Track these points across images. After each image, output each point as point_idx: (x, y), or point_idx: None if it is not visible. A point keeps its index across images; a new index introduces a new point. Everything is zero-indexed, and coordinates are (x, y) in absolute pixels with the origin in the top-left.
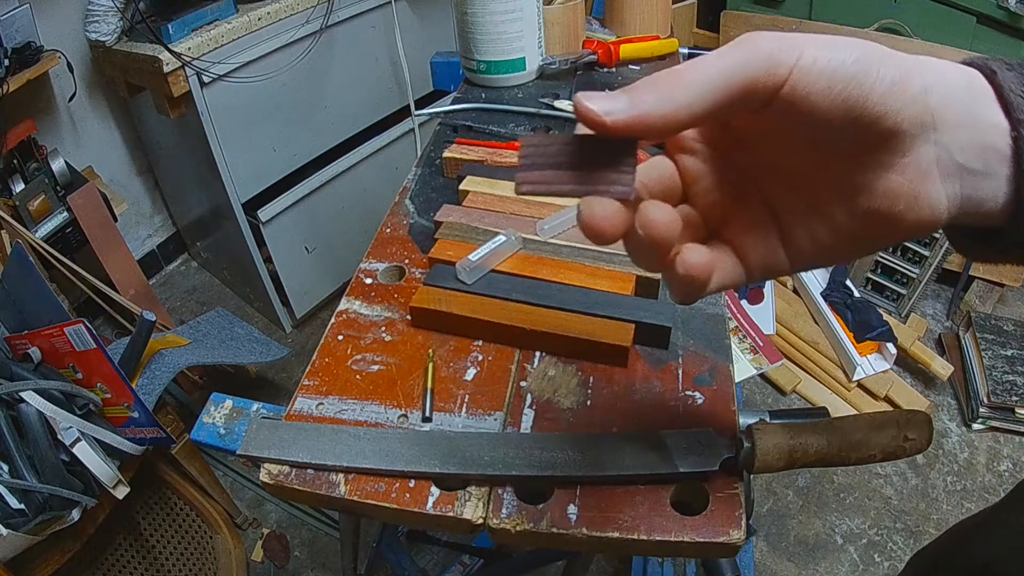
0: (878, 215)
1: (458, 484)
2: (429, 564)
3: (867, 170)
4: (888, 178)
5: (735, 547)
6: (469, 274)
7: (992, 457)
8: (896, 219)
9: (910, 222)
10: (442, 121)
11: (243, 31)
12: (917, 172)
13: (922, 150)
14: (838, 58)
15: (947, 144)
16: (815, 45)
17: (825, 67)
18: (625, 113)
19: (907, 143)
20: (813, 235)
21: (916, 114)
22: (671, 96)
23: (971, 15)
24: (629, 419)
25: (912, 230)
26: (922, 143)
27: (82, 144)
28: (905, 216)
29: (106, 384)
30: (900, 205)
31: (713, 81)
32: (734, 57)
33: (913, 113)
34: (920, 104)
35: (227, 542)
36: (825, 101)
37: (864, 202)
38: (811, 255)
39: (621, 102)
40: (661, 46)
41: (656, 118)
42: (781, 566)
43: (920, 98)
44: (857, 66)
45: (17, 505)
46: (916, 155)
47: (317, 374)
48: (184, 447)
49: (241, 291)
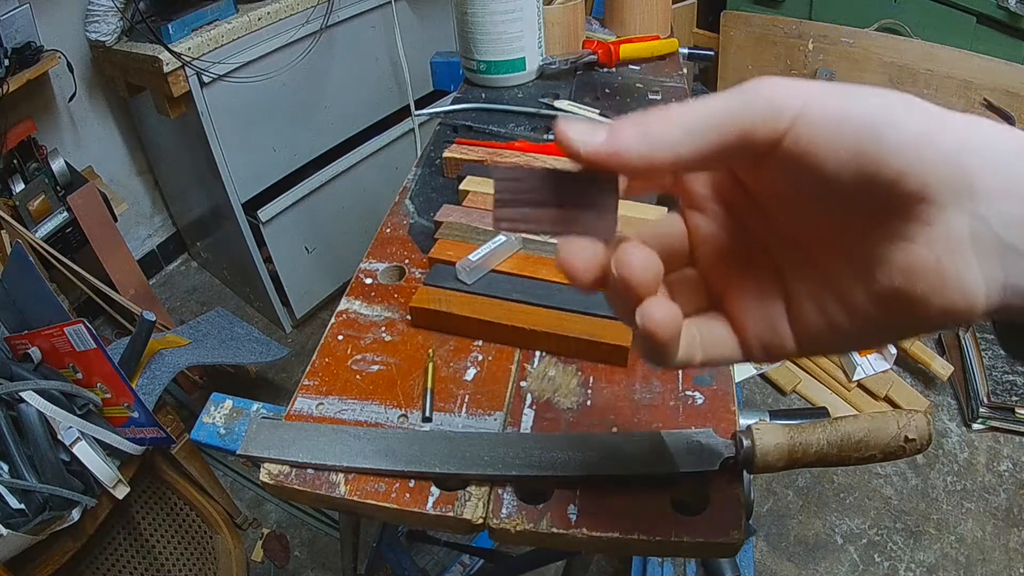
0: (897, 296)
1: (458, 484)
2: (429, 564)
3: (885, 240)
4: (909, 251)
5: (735, 547)
6: (469, 274)
7: (992, 457)
8: (918, 302)
9: (936, 308)
10: (442, 121)
11: (243, 31)
12: (945, 247)
13: (953, 220)
14: (848, 105)
15: (987, 216)
16: (826, 92)
17: (833, 115)
18: (602, 145)
19: (934, 210)
20: (824, 314)
21: (946, 176)
22: (654, 133)
23: (971, 15)
24: (629, 419)
25: (939, 318)
26: (954, 212)
27: (82, 144)
28: (929, 300)
29: (106, 384)
30: (923, 285)
31: (703, 124)
32: (732, 101)
33: (943, 175)
34: (953, 165)
35: (227, 542)
36: (832, 156)
37: (882, 279)
38: (821, 337)
39: (601, 134)
40: (661, 46)
41: (634, 155)
42: (781, 566)
43: (954, 158)
44: (870, 114)
45: (17, 505)
46: (945, 226)
47: (317, 374)
48: (184, 447)
49: (241, 291)
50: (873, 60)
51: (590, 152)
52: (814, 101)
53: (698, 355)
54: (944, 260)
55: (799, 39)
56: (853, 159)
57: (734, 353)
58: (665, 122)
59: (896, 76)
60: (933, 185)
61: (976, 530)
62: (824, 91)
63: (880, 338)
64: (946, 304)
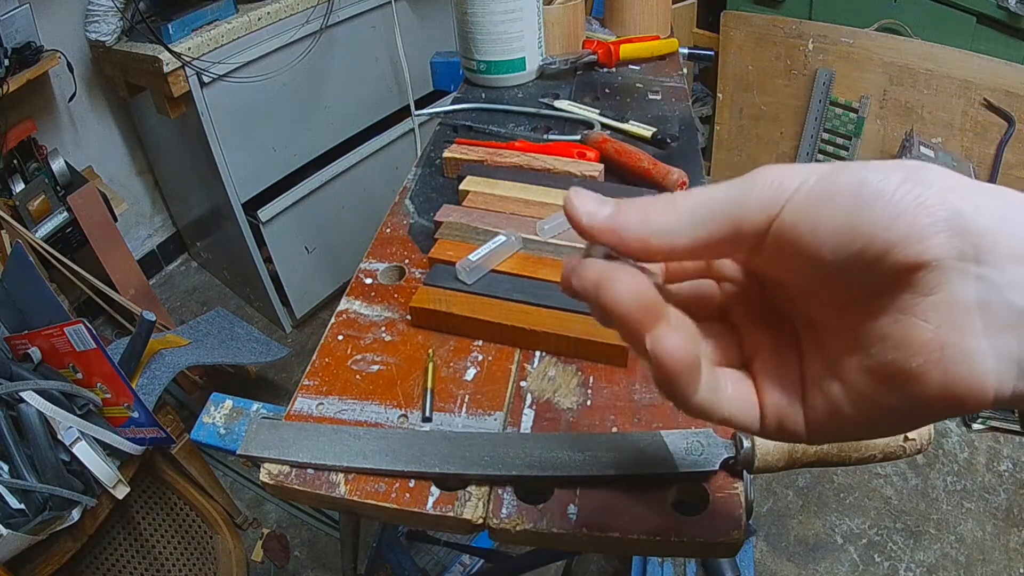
0: (891, 371)
1: (458, 484)
2: (429, 564)
3: (880, 313)
4: (905, 323)
5: (735, 547)
6: (469, 274)
7: (992, 457)
8: (914, 379)
9: (936, 386)
10: (442, 121)
11: (243, 31)
12: (946, 316)
13: (957, 287)
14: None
15: (998, 282)
16: (817, 171)
17: (817, 193)
18: (605, 220)
19: (933, 277)
20: (826, 396)
21: (947, 240)
22: (653, 219)
23: (971, 15)
24: (629, 419)
25: (941, 398)
26: (957, 278)
27: (82, 144)
28: (928, 376)
29: (106, 384)
30: (919, 359)
31: (701, 215)
32: (732, 191)
33: (942, 239)
34: (954, 228)
35: (227, 542)
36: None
37: (877, 354)
38: (825, 421)
39: (606, 208)
40: (661, 46)
41: (631, 235)
42: (781, 566)
43: (955, 220)
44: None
45: (17, 505)
46: (946, 294)
47: (317, 374)
48: (184, 447)
49: (241, 291)
50: (873, 60)
51: (593, 224)
52: (804, 185)
53: (723, 406)
54: (944, 330)
55: (799, 39)
56: (837, 234)
57: (752, 420)
58: (666, 212)
59: (896, 76)
60: (931, 251)
61: (976, 530)
62: (816, 171)
63: (881, 423)
64: (948, 381)
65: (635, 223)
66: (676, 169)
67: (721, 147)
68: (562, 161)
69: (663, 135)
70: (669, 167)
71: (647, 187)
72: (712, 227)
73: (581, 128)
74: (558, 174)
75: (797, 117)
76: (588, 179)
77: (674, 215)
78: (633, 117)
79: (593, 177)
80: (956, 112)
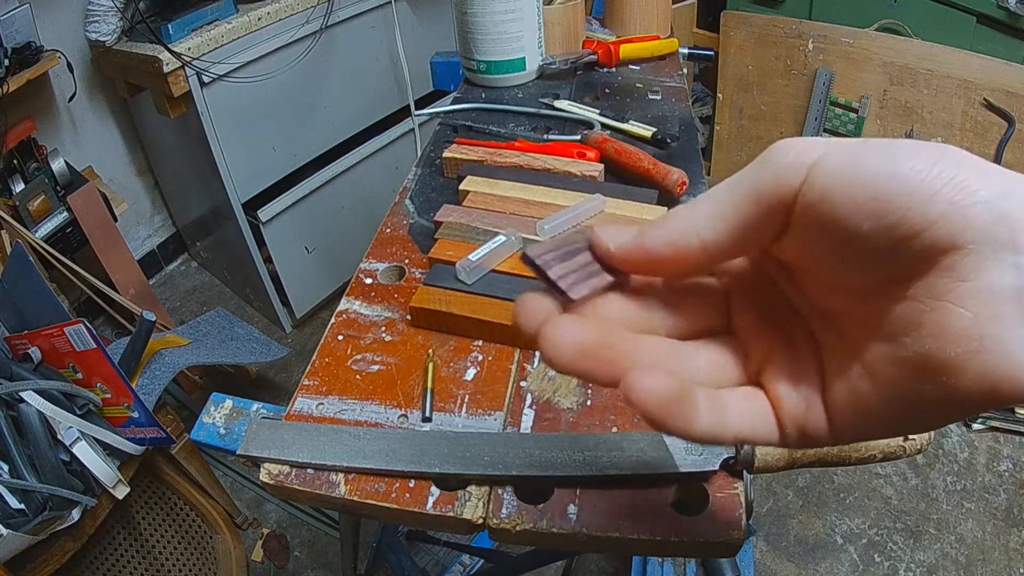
0: (927, 362)
1: (458, 484)
2: (429, 564)
3: (914, 299)
4: (940, 310)
5: (735, 547)
6: (469, 274)
7: (992, 457)
8: (951, 369)
9: (972, 377)
10: (442, 121)
11: (243, 31)
12: (983, 304)
13: (993, 274)
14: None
15: None
16: (842, 141)
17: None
18: (631, 242)
19: (969, 262)
20: (853, 390)
21: (985, 224)
22: (675, 225)
23: (971, 15)
24: (629, 419)
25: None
26: (994, 265)
27: (82, 144)
28: (964, 367)
29: (106, 384)
30: (956, 348)
31: (721, 204)
32: (747, 170)
33: (981, 222)
34: (993, 212)
35: (227, 542)
36: (849, 202)
37: (910, 343)
38: (850, 417)
39: (629, 232)
40: (661, 46)
41: (659, 247)
42: (781, 566)
43: (996, 203)
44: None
45: (17, 505)
46: (983, 280)
47: (317, 374)
48: (184, 447)
49: (241, 291)
50: (873, 60)
51: (619, 249)
52: (830, 150)
53: (732, 428)
54: (982, 319)
55: (799, 39)
56: (872, 204)
57: (770, 432)
58: (687, 212)
59: (896, 76)
60: (968, 233)
61: (976, 530)
62: (840, 141)
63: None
64: (985, 371)
65: (659, 233)
66: (676, 169)
67: (721, 147)
68: (562, 161)
69: (663, 135)
70: (669, 167)
71: (647, 187)
72: (736, 212)
73: (581, 128)
74: (558, 174)
75: (797, 117)
76: (588, 179)
77: (695, 213)
78: (633, 117)
79: (593, 177)
80: (956, 112)
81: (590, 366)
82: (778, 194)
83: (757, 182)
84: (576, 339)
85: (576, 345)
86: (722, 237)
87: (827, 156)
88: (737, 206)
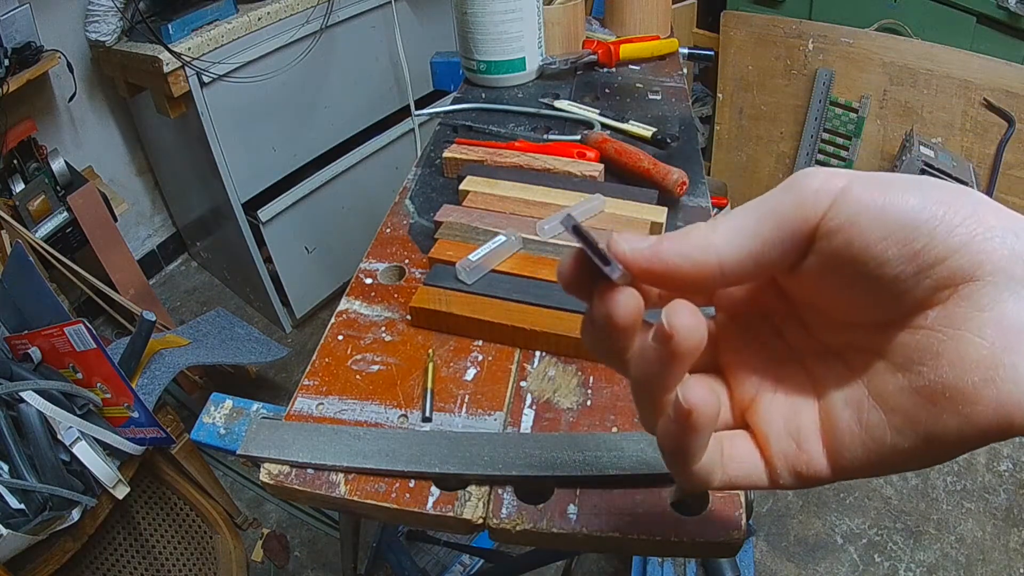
0: (945, 390)
1: (458, 484)
2: (429, 564)
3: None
4: (959, 339)
5: (735, 547)
6: (469, 274)
7: (992, 457)
8: (968, 399)
9: (989, 406)
10: (442, 121)
11: (243, 31)
12: (1001, 334)
13: (1010, 307)
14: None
15: None
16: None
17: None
18: (647, 250)
19: (987, 293)
20: (862, 424)
21: (1002, 259)
22: (695, 240)
23: (971, 15)
24: (629, 419)
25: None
26: (1010, 297)
27: (82, 144)
28: (981, 396)
29: (106, 384)
30: (975, 377)
31: (743, 225)
32: (770, 196)
33: (998, 257)
34: (1008, 248)
35: (227, 542)
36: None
37: (927, 372)
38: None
39: (648, 240)
40: (661, 46)
41: (675, 260)
42: (781, 566)
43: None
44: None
45: (17, 505)
46: (1000, 312)
47: (317, 374)
48: (184, 447)
49: (241, 291)
50: (873, 60)
51: (638, 256)
52: (857, 180)
53: (717, 474)
54: (998, 348)
55: (799, 39)
56: (899, 233)
57: (758, 475)
58: (708, 231)
59: (896, 76)
60: (988, 265)
61: (976, 530)
62: (866, 174)
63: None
64: (1000, 400)
65: (677, 246)
66: (676, 169)
67: (721, 147)
68: (562, 161)
69: (663, 135)
70: (669, 167)
71: (647, 187)
72: (757, 235)
73: (581, 128)
74: (558, 174)
75: (797, 117)
76: (588, 179)
77: (715, 231)
78: (633, 117)
79: (593, 177)
80: (956, 112)
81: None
82: (802, 219)
83: (781, 206)
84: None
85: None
86: (741, 258)
87: (855, 185)
88: (759, 228)
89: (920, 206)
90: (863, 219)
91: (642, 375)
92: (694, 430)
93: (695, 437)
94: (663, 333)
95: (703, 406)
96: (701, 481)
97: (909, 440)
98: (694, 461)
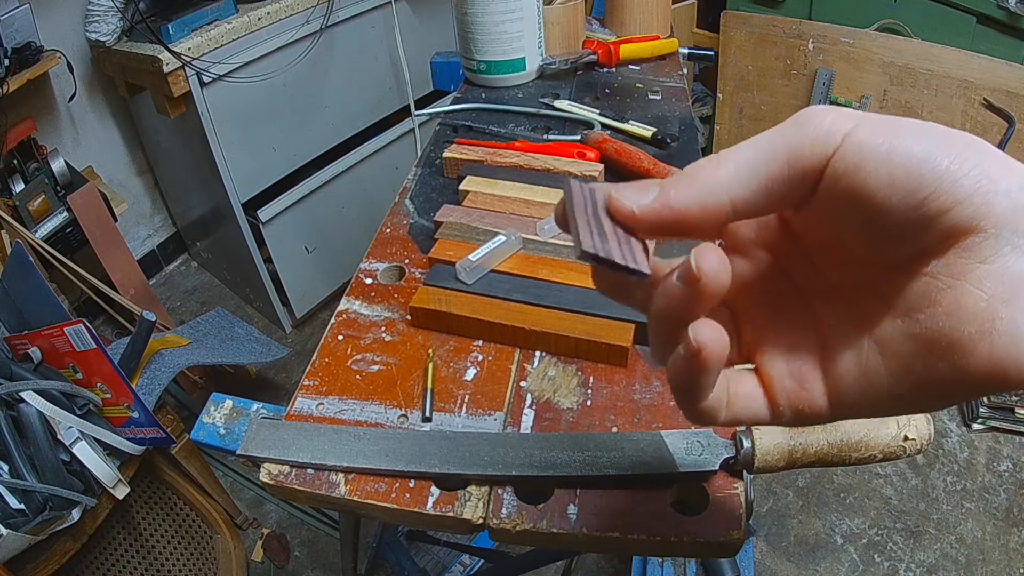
0: (941, 339)
1: (458, 484)
2: (429, 564)
3: (933, 276)
4: (958, 288)
5: (735, 547)
6: (469, 274)
7: (992, 457)
8: (963, 349)
9: (983, 358)
10: (442, 121)
11: (243, 31)
12: (1000, 286)
13: (1010, 260)
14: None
15: None
16: (877, 117)
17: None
18: (655, 202)
19: (988, 245)
20: (861, 365)
21: (1005, 212)
22: (703, 179)
23: (971, 15)
24: (629, 419)
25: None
26: (1011, 252)
27: (82, 144)
28: (976, 348)
29: (106, 384)
30: (971, 328)
31: (753, 159)
32: (780, 129)
33: (1002, 210)
34: (1011, 203)
35: (227, 542)
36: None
37: (926, 320)
38: (854, 393)
39: (652, 191)
40: (661, 46)
41: (686, 204)
42: (781, 566)
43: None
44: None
45: (17, 505)
46: (1000, 265)
47: (317, 374)
48: (184, 447)
49: (241, 291)
50: (873, 60)
51: (646, 211)
52: (865, 123)
53: (723, 411)
54: (996, 301)
55: (799, 39)
56: (903, 180)
57: (761, 412)
58: (715, 167)
59: (896, 76)
60: (991, 218)
61: (976, 530)
62: (875, 117)
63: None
64: (994, 352)
65: (686, 190)
66: (676, 169)
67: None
68: (562, 161)
69: (663, 135)
70: (669, 167)
71: None
72: (767, 172)
73: (581, 128)
74: (558, 174)
75: None
76: (588, 179)
77: (724, 168)
78: (633, 117)
79: (593, 177)
80: (956, 112)
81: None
82: (810, 158)
83: (791, 144)
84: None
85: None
86: (751, 194)
87: (863, 128)
88: (769, 166)
89: (926, 155)
90: (868, 165)
91: (663, 312)
92: (704, 368)
93: (704, 375)
94: (690, 275)
95: (713, 344)
96: (708, 417)
97: (904, 386)
98: (702, 398)
